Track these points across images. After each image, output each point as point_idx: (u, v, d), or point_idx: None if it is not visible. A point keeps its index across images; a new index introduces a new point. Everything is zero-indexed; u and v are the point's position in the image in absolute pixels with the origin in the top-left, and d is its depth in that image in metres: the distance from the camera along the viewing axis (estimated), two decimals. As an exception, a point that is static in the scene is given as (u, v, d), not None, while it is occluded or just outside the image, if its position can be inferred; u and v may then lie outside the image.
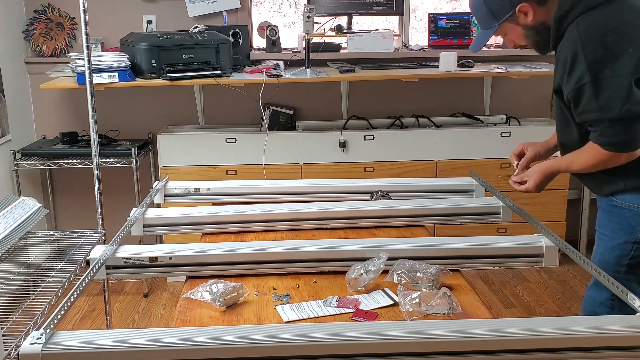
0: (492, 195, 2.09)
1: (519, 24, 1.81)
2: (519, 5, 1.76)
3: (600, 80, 1.63)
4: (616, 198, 1.79)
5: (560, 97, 1.77)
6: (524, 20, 1.79)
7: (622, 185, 1.76)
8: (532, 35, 1.82)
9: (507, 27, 1.83)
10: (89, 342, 1.17)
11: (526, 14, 1.77)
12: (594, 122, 1.68)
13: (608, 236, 1.82)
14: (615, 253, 1.79)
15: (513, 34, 1.85)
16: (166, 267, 1.69)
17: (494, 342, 1.19)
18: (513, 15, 1.79)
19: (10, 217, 2.17)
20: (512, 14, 1.78)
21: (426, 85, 3.65)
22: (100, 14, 3.42)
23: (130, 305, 3.33)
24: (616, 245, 1.79)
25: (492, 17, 1.82)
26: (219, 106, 3.63)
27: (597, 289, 1.84)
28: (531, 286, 3.45)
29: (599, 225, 1.88)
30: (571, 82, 1.68)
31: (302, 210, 2.01)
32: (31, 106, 3.57)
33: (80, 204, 3.62)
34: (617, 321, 1.26)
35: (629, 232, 1.76)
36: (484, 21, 1.86)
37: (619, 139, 1.65)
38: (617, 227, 1.79)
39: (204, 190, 2.23)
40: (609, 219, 1.82)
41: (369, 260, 1.61)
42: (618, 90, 1.61)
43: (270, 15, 3.90)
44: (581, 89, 1.66)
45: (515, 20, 1.80)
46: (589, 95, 1.65)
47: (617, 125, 1.64)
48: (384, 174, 3.35)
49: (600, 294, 1.83)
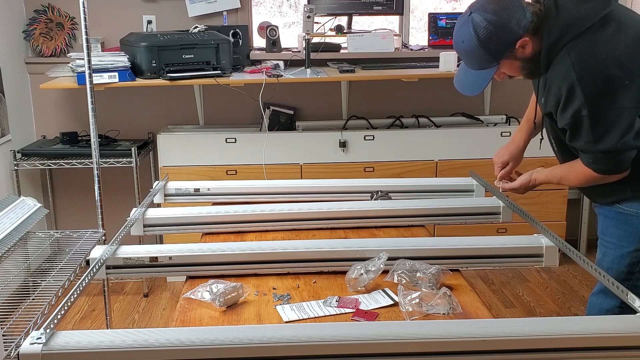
0: (492, 195, 2.09)
1: (517, 59, 1.72)
2: (519, 41, 1.67)
3: (599, 114, 1.60)
4: (622, 205, 1.77)
5: (551, 119, 1.75)
6: (522, 53, 1.70)
7: (630, 193, 1.74)
8: (528, 67, 1.74)
9: (504, 63, 1.74)
10: (89, 342, 1.17)
11: (524, 47, 1.69)
12: (587, 150, 1.67)
13: (616, 244, 1.79)
14: (625, 261, 1.76)
15: (508, 69, 1.76)
16: (166, 267, 1.69)
17: (494, 342, 1.19)
18: (512, 52, 1.70)
19: (10, 217, 2.17)
20: (511, 50, 1.69)
21: (426, 85, 3.65)
22: (100, 14, 3.42)
23: (130, 305, 3.33)
24: (626, 253, 1.76)
25: (491, 58, 1.70)
26: (219, 106, 3.63)
27: (605, 296, 1.82)
28: (531, 286, 3.45)
29: (603, 233, 1.85)
30: (567, 114, 1.65)
31: (302, 210, 2.01)
32: (31, 106, 3.57)
33: (80, 204, 3.62)
34: (617, 321, 1.26)
35: (636, 240, 1.74)
36: (479, 63, 1.74)
37: (611, 167, 1.67)
38: (626, 235, 1.76)
39: (204, 190, 2.22)
40: (616, 227, 1.80)
41: (369, 260, 1.61)
42: (616, 123, 1.60)
43: (270, 15, 3.90)
44: (578, 121, 1.64)
45: (514, 56, 1.71)
46: (586, 128, 1.63)
47: (610, 156, 1.64)
48: (384, 174, 3.35)
49: (607, 301, 1.81)
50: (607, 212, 1.83)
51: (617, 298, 1.77)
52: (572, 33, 1.63)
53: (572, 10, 1.65)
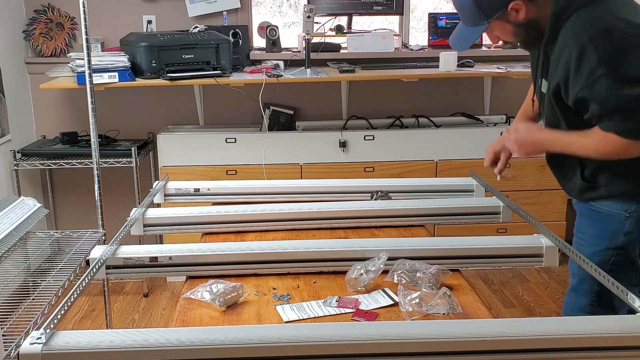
0: (492, 195, 2.09)
1: (510, 22, 1.71)
2: (512, 3, 1.66)
3: (618, 70, 1.53)
4: (596, 203, 1.76)
5: (558, 99, 1.69)
6: (514, 17, 1.69)
7: (604, 192, 1.73)
8: (521, 33, 1.73)
9: (496, 24, 1.73)
10: (89, 342, 1.17)
11: (518, 11, 1.68)
12: (613, 112, 1.56)
13: (588, 242, 1.79)
14: (596, 259, 1.73)
15: (501, 31, 1.76)
16: (166, 267, 1.69)
17: (494, 342, 1.19)
18: (504, 13, 1.69)
19: (10, 217, 2.17)
20: (503, 11, 1.69)
21: (426, 85, 3.65)
22: (100, 14, 3.42)
23: (130, 305, 3.33)
24: (597, 251, 1.76)
25: (482, 15, 1.71)
26: (219, 106, 3.63)
27: (576, 295, 1.82)
28: (531, 286, 3.45)
29: (577, 230, 1.85)
30: (581, 78, 1.58)
31: (302, 210, 2.01)
32: (31, 106, 3.57)
33: (80, 204, 3.62)
34: (617, 321, 1.26)
35: (610, 238, 1.73)
36: (470, 18, 1.75)
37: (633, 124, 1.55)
38: (599, 233, 1.75)
39: (204, 190, 2.22)
40: (589, 225, 1.79)
41: (369, 260, 1.61)
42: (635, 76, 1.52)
43: (270, 15, 3.90)
44: (595, 83, 1.55)
45: (506, 18, 1.70)
46: (605, 87, 1.54)
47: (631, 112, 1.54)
48: (384, 174, 3.35)
49: (579, 300, 1.81)
50: (583, 209, 1.82)
51: (588, 296, 1.77)
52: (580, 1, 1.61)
53: None
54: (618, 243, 1.73)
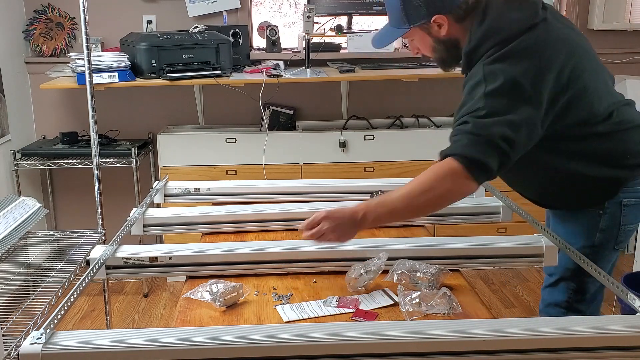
0: (492, 195, 2.09)
1: (430, 35, 1.65)
2: (435, 16, 1.60)
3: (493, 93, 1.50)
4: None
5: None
6: (436, 32, 1.64)
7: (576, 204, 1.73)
8: (440, 50, 1.68)
9: (416, 33, 1.67)
10: (89, 342, 1.17)
11: (440, 27, 1.62)
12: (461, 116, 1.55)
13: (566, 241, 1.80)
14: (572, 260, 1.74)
15: (420, 43, 1.70)
16: (166, 267, 1.69)
17: (494, 342, 1.19)
18: (426, 24, 1.63)
19: (10, 217, 2.17)
20: (425, 22, 1.63)
21: (426, 85, 3.65)
22: (100, 14, 3.42)
23: (130, 305, 3.33)
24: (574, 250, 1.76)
25: (405, 19, 1.65)
26: (219, 106, 3.63)
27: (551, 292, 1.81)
28: (531, 286, 3.45)
29: (553, 230, 1.82)
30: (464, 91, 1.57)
31: (302, 210, 2.01)
32: (31, 106, 3.57)
33: (80, 204, 3.62)
34: (617, 321, 1.26)
35: (585, 237, 1.72)
36: (394, 18, 1.70)
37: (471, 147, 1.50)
38: (575, 231, 1.74)
39: (204, 190, 2.22)
40: (563, 225, 1.78)
41: (369, 260, 1.61)
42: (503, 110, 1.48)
43: (270, 15, 3.90)
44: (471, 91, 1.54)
45: (427, 29, 1.65)
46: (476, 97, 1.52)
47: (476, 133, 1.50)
48: (384, 174, 3.35)
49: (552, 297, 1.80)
50: (556, 211, 1.82)
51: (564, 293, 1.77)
52: (490, 42, 1.56)
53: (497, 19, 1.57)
54: (594, 240, 1.71)
